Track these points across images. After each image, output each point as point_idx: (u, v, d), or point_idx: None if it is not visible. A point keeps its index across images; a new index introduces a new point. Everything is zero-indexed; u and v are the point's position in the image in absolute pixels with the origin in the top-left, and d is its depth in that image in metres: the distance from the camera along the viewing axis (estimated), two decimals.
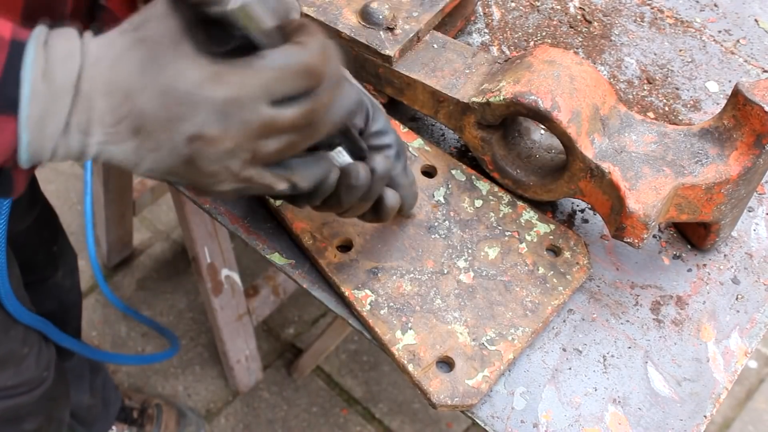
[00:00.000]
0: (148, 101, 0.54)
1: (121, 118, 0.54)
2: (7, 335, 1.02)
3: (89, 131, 0.54)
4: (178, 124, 0.55)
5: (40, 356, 1.08)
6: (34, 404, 1.11)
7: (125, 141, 0.55)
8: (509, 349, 0.76)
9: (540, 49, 0.84)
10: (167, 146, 0.56)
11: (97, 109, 0.54)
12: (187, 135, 0.55)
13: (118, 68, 0.55)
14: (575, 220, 0.88)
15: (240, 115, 0.55)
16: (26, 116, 0.52)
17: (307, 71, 0.56)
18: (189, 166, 0.57)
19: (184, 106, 0.54)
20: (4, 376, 1.05)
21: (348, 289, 0.78)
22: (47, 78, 0.53)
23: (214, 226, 1.41)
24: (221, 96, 0.55)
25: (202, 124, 0.55)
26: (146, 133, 0.55)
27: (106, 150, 0.55)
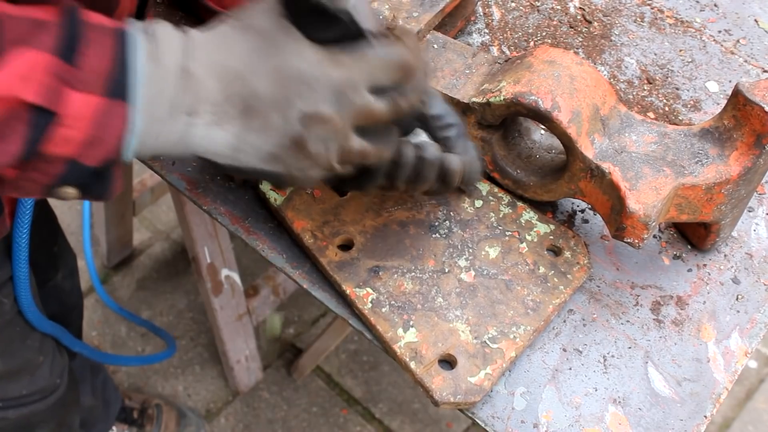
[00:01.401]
0: (262, 81, 0.55)
1: (230, 97, 0.55)
2: (23, 345, 1.02)
3: (196, 111, 0.55)
4: (294, 102, 0.56)
5: (54, 364, 1.09)
6: (47, 411, 1.11)
7: (231, 121, 0.56)
8: (511, 347, 0.76)
9: (540, 49, 0.84)
10: (277, 125, 0.56)
11: (207, 89, 0.55)
12: (302, 113, 0.56)
13: (229, 51, 0.56)
14: (575, 220, 0.88)
15: (350, 97, 0.57)
16: (139, 100, 0.53)
17: (405, 66, 0.60)
18: (294, 148, 0.58)
19: (302, 85, 0.56)
20: (19, 385, 1.05)
21: (349, 287, 0.78)
22: (155, 60, 0.53)
23: (214, 226, 1.41)
24: (338, 76, 0.57)
25: (317, 103, 0.56)
26: (256, 113, 0.56)
27: (208, 134, 0.56)
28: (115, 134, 0.54)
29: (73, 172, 0.55)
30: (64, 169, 0.55)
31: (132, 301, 1.85)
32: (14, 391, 1.05)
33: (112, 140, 0.54)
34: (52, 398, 1.11)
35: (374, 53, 0.59)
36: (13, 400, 1.06)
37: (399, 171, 0.69)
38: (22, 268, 0.90)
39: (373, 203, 0.83)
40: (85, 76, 0.52)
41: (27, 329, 1.01)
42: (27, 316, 0.97)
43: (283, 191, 0.82)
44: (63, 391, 1.13)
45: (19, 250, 0.88)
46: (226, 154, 0.58)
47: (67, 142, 0.53)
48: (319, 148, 0.58)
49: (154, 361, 1.72)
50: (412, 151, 0.69)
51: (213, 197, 0.86)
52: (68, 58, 0.51)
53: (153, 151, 0.57)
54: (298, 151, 0.58)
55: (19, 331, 1.00)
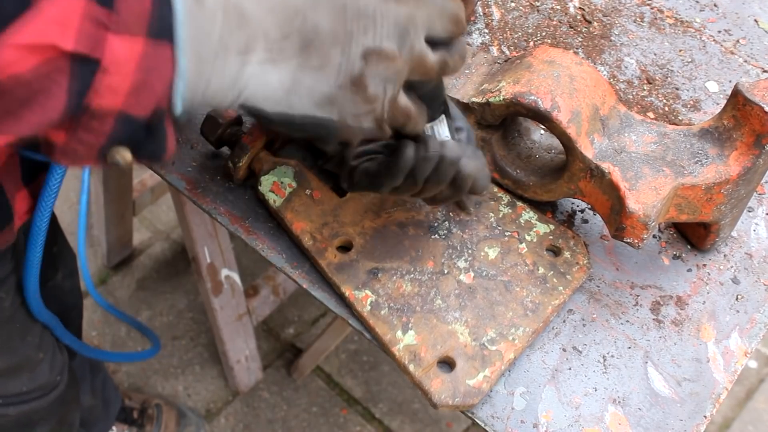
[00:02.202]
0: (324, 15, 0.53)
1: (289, 33, 0.53)
2: (23, 341, 1.02)
3: (250, 49, 0.52)
4: (358, 37, 0.54)
5: (54, 361, 1.09)
6: (47, 409, 1.11)
7: (288, 59, 0.53)
8: (510, 348, 0.76)
9: (540, 49, 0.84)
10: (338, 62, 0.54)
11: (261, 24, 0.52)
12: (366, 48, 0.54)
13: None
14: (575, 220, 0.88)
15: (411, 38, 0.56)
16: (183, 39, 0.50)
17: (458, 19, 0.58)
18: (352, 87, 0.55)
19: (366, 18, 0.54)
20: (19, 382, 1.05)
21: (348, 289, 0.78)
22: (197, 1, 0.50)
23: (214, 226, 1.41)
24: (403, 13, 0.55)
25: (382, 38, 0.55)
26: (315, 49, 0.54)
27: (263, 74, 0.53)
28: (163, 79, 0.51)
29: (124, 127, 0.51)
30: (115, 124, 0.51)
31: (132, 301, 1.85)
32: (14, 388, 1.05)
33: (160, 86, 0.51)
34: (52, 395, 1.11)
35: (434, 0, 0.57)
36: (13, 397, 1.06)
37: (422, 166, 0.67)
38: (36, 253, 0.89)
39: (372, 204, 0.83)
40: (124, 19, 0.49)
41: (27, 326, 1.00)
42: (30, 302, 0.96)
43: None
44: (63, 389, 1.13)
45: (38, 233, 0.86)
46: (279, 98, 0.55)
47: (113, 91, 0.50)
48: (378, 89, 0.56)
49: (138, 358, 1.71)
50: (437, 145, 0.67)
51: (213, 197, 0.86)
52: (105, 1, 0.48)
53: (204, 98, 0.54)
54: (356, 92, 0.56)
55: (18, 328, 1.00)
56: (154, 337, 1.67)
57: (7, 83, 0.47)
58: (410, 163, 0.67)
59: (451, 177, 0.69)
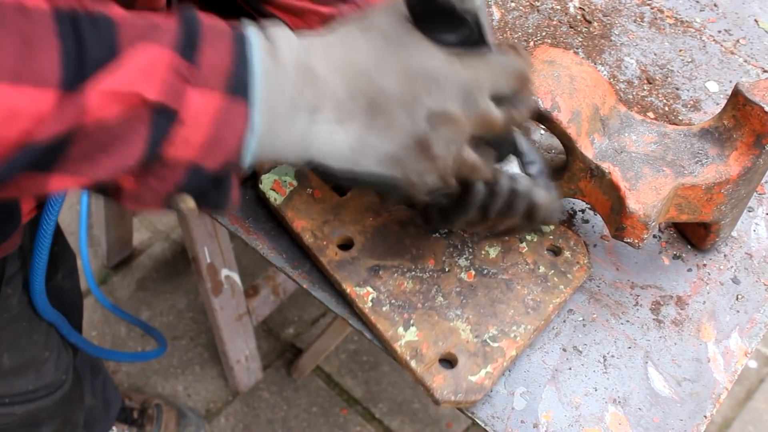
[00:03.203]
0: (389, 78, 0.54)
1: (355, 94, 0.54)
2: (30, 340, 1.02)
3: (318, 109, 0.53)
4: (422, 100, 0.55)
5: (59, 360, 1.09)
6: (53, 408, 1.12)
7: (355, 120, 0.54)
8: (511, 346, 0.76)
9: (540, 49, 0.84)
10: (403, 124, 0.55)
11: (330, 86, 0.53)
12: (430, 111, 0.55)
13: (352, 49, 0.54)
14: (575, 220, 0.88)
15: (475, 99, 0.56)
16: (258, 96, 0.51)
17: (523, 76, 0.59)
18: (417, 149, 0.56)
19: (431, 82, 0.55)
20: (25, 381, 1.05)
21: (349, 286, 0.78)
22: (273, 57, 0.52)
23: (214, 226, 1.41)
24: (467, 76, 0.56)
25: (446, 101, 0.55)
26: (381, 111, 0.54)
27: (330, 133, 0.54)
28: (236, 134, 0.52)
29: (193, 178, 0.52)
30: (184, 174, 0.52)
31: (132, 301, 1.85)
32: (21, 386, 1.05)
33: (232, 141, 0.52)
34: (57, 394, 1.11)
35: (497, 58, 0.58)
36: (19, 396, 1.06)
37: (494, 200, 0.68)
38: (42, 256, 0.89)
39: (373, 203, 0.83)
40: (204, 74, 0.50)
41: (33, 324, 1.01)
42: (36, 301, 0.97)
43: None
44: (68, 388, 1.13)
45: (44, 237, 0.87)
46: (345, 157, 0.56)
47: (188, 143, 0.51)
48: (442, 150, 0.57)
49: (145, 357, 1.71)
50: (507, 180, 0.68)
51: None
52: (188, 55, 0.50)
53: (272, 154, 0.55)
54: (420, 153, 0.57)
55: (25, 326, 1.00)
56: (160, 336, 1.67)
57: (90, 128, 0.48)
58: (481, 199, 0.68)
59: (524, 209, 0.70)
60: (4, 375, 1.03)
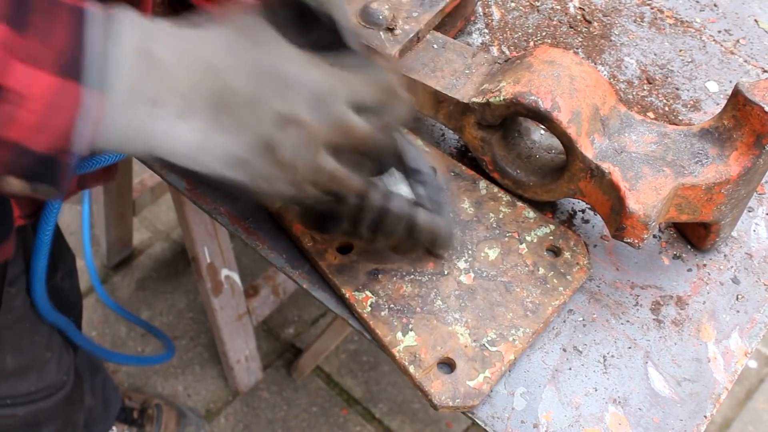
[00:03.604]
0: (237, 75, 0.52)
1: (200, 89, 0.51)
2: (32, 341, 1.02)
3: (160, 101, 0.50)
4: (270, 101, 0.53)
5: (61, 361, 1.09)
6: (54, 409, 1.12)
7: (199, 116, 0.52)
8: (510, 349, 0.76)
9: (540, 50, 0.84)
10: (248, 124, 0.53)
11: (173, 77, 0.51)
12: (277, 113, 0.53)
13: (202, 41, 0.52)
14: (575, 220, 0.88)
15: (329, 106, 0.54)
16: (93, 79, 0.48)
17: (389, 87, 0.57)
18: (263, 151, 0.54)
19: (280, 83, 0.53)
20: (27, 382, 1.05)
21: (348, 290, 0.78)
22: (115, 42, 0.49)
23: (214, 226, 1.41)
24: (320, 81, 0.54)
25: (294, 104, 0.53)
26: (227, 109, 0.52)
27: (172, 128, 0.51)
28: (66, 117, 0.48)
29: (19, 158, 0.49)
30: (9, 154, 0.49)
31: (132, 301, 1.85)
32: (23, 388, 1.05)
33: (62, 123, 0.48)
34: (59, 395, 1.11)
35: (360, 66, 0.56)
36: (21, 397, 1.06)
37: (363, 215, 0.65)
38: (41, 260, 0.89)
39: None
40: (34, 49, 0.46)
41: (35, 326, 1.01)
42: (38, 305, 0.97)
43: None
44: (70, 389, 1.13)
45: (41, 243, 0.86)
46: (188, 154, 0.53)
47: (12, 121, 0.47)
48: (289, 154, 0.54)
49: (153, 362, 1.72)
50: (380, 196, 0.65)
51: (213, 197, 0.86)
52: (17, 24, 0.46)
53: (110, 144, 0.51)
54: (266, 156, 0.54)
55: (28, 328, 1.00)
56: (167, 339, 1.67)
57: None
58: (350, 212, 0.65)
59: (405, 230, 0.68)
60: (7, 376, 1.03)
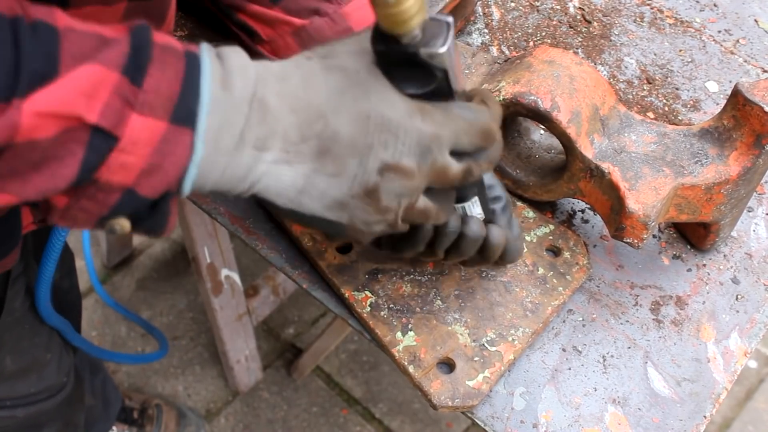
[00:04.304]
0: (346, 123, 0.52)
1: (308, 136, 0.52)
2: (32, 343, 1.02)
3: (267, 147, 0.51)
4: (377, 150, 0.53)
5: (61, 362, 1.09)
6: (54, 410, 1.12)
7: (304, 161, 0.52)
8: (509, 349, 0.76)
9: (540, 50, 0.84)
10: (353, 172, 0.53)
11: (282, 123, 0.51)
12: (383, 162, 0.53)
13: (310, 86, 0.52)
14: (575, 220, 0.88)
15: (433, 155, 0.55)
16: (204, 127, 0.49)
17: (489, 132, 0.57)
18: (365, 198, 0.55)
19: (388, 133, 0.53)
20: (27, 383, 1.05)
21: (348, 290, 0.78)
22: (226, 87, 0.49)
23: (214, 226, 1.41)
24: (427, 131, 0.54)
25: (402, 155, 0.54)
26: (332, 156, 0.52)
27: (276, 172, 0.52)
28: (177, 163, 0.49)
29: (128, 203, 0.50)
30: (119, 198, 0.50)
31: (132, 301, 1.85)
32: (23, 389, 1.05)
33: (172, 169, 0.49)
34: (59, 397, 1.11)
35: (463, 114, 0.56)
36: (21, 399, 1.06)
37: (440, 240, 0.66)
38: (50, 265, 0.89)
39: None
40: (150, 99, 0.47)
41: (35, 327, 1.01)
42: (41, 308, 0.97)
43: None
44: (70, 390, 1.13)
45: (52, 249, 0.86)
46: (289, 196, 0.54)
47: (125, 169, 0.48)
48: (391, 201, 0.55)
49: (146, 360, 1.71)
50: (457, 222, 0.66)
51: (213, 197, 0.86)
52: (135, 77, 0.47)
53: (214, 186, 0.53)
54: (368, 203, 0.55)
55: (28, 329, 1.00)
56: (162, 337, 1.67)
57: (22, 145, 0.46)
58: (429, 236, 0.66)
59: (476, 249, 0.69)
60: (7, 378, 1.03)
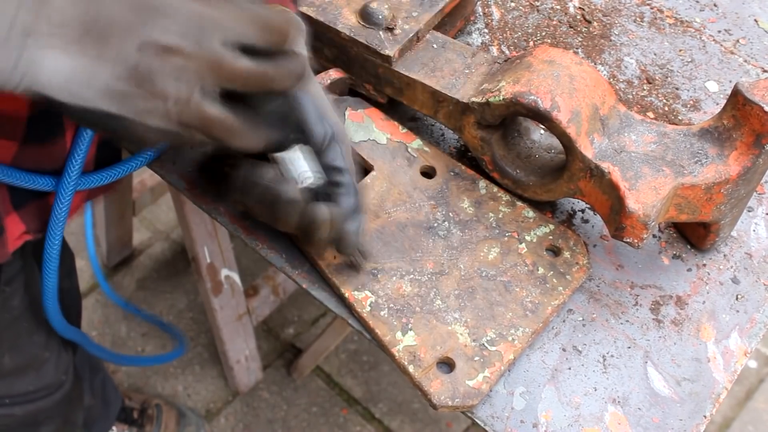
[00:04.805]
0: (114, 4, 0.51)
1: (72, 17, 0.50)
2: (30, 340, 1.02)
3: (32, 30, 0.50)
4: (137, 28, 0.51)
5: (59, 360, 1.09)
6: (53, 408, 1.11)
7: (67, 45, 0.51)
8: (509, 349, 0.76)
9: (540, 49, 0.84)
10: (115, 52, 0.51)
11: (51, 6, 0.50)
12: (142, 40, 0.51)
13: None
14: (575, 220, 0.88)
15: (202, 38, 0.52)
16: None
17: (279, 29, 0.55)
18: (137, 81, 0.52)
19: (155, 12, 0.51)
20: (25, 381, 1.05)
21: (348, 290, 0.78)
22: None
23: (214, 226, 1.41)
24: (198, 12, 0.52)
25: (162, 31, 0.52)
26: (95, 36, 0.51)
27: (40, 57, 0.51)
28: None
29: None
30: None
31: (132, 301, 1.85)
32: (21, 387, 1.05)
33: None
34: (57, 395, 1.11)
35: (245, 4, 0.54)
36: (19, 397, 1.06)
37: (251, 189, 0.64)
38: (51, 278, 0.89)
39: (371, 205, 0.83)
40: None
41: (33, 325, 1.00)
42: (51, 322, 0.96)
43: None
44: (68, 388, 1.13)
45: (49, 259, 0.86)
46: (64, 86, 0.52)
47: None
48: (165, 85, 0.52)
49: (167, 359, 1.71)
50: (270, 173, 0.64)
51: (213, 197, 0.86)
52: None
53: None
54: (136, 85, 0.52)
55: (26, 327, 1.00)
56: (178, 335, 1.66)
57: None
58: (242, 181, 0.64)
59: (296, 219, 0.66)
60: (5, 376, 1.03)
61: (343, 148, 0.71)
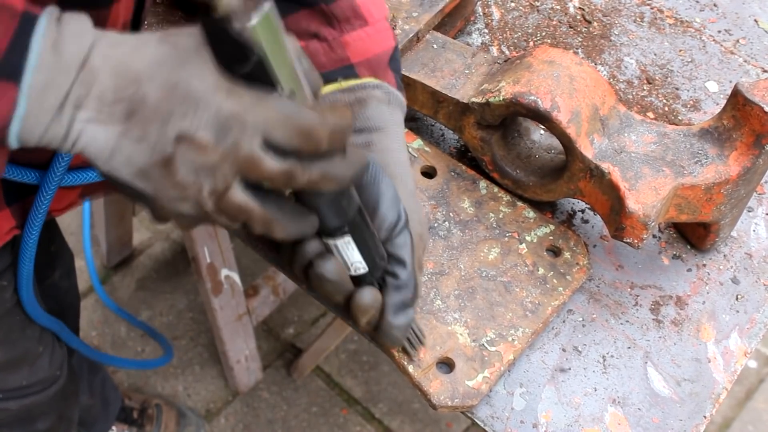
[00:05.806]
0: (154, 89, 0.54)
1: (120, 99, 0.54)
2: (23, 335, 1.02)
3: (83, 105, 0.53)
4: (175, 119, 0.54)
5: (53, 355, 1.09)
6: (47, 403, 1.12)
7: (113, 123, 0.54)
8: (509, 349, 0.76)
9: (540, 50, 0.84)
10: (153, 139, 0.54)
11: (100, 84, 0.53)
12: (178, 132, 0.54)
13: (136, 54, 0.54)
14: (575, 220, 0.88)
15: (235, 136, 0.54)
16: (29, 84, 0.52)
17: (307, 133, 0.55)
18: (164, 169, 0.55)
19: (188, 104, 0.54)
20: (19, 376, 1.05)
21: None
22: (57, 50, 0.52)
23: (214, 226, 1.41)
24: (227, 107, 0.54)
25: (197, 127, 0.54)
26: (138, 120, 0.54)
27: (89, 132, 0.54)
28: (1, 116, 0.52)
29: None
30: None
31: (132, 301, 1.85)
32: (15, 382, 1.05)
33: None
34: (52, 390, 1.11)
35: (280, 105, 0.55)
36: (13, 391, 1.06)
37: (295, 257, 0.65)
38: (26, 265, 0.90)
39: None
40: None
41: (26, 319, 1.00)
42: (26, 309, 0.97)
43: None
44: (63, 383, 1.13)
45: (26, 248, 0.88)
46: (104, 158, 0.55)
47: None
48: (188, 176, 0.55)
49: (150, 366, 1.72)
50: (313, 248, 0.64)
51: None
52: None
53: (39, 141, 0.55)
54: (165, 174, 0.55)
55: (19, 321, 1.00)
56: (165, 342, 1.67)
57: None
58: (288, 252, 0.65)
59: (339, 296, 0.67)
60: None
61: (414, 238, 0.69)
